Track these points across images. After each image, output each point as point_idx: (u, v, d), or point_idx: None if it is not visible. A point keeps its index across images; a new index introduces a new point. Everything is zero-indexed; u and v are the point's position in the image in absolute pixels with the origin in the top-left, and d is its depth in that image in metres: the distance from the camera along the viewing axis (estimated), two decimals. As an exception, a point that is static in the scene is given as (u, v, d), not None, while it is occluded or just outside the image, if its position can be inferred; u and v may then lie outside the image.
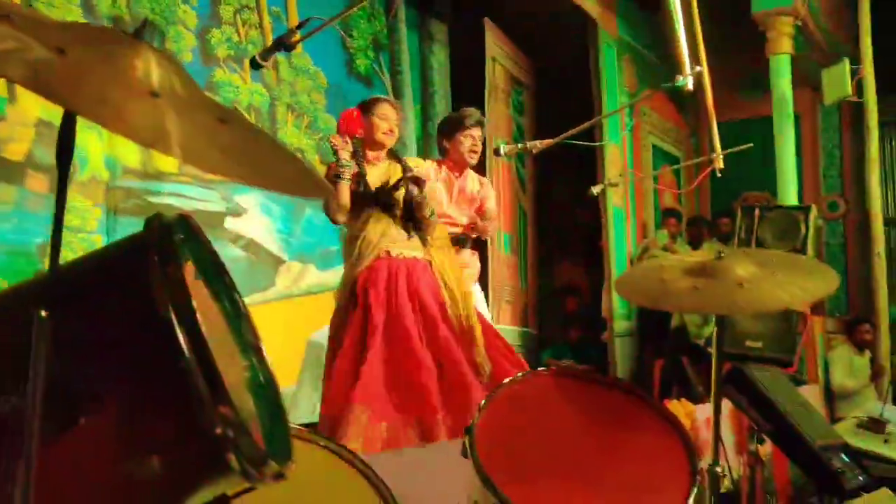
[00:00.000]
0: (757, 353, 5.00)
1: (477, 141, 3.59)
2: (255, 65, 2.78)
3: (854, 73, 6.26)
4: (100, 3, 4.06)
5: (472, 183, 3.68)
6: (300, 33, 2.55)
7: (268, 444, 0.95)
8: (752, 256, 1.70)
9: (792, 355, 5.37)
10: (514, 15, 6.47)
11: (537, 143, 3.64)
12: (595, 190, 4.35)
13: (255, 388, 1.01)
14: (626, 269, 6.23)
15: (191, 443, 0.82)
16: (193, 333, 0.82)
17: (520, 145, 3.74)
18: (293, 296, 4.98)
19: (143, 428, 0.82)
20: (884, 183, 7.51)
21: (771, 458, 3.16)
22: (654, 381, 6.40)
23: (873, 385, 6.09)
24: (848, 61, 6.28)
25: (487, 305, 4.33)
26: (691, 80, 3.60)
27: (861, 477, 2.27)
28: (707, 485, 1.74)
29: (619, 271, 6.31)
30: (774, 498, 3.00)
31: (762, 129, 6.44)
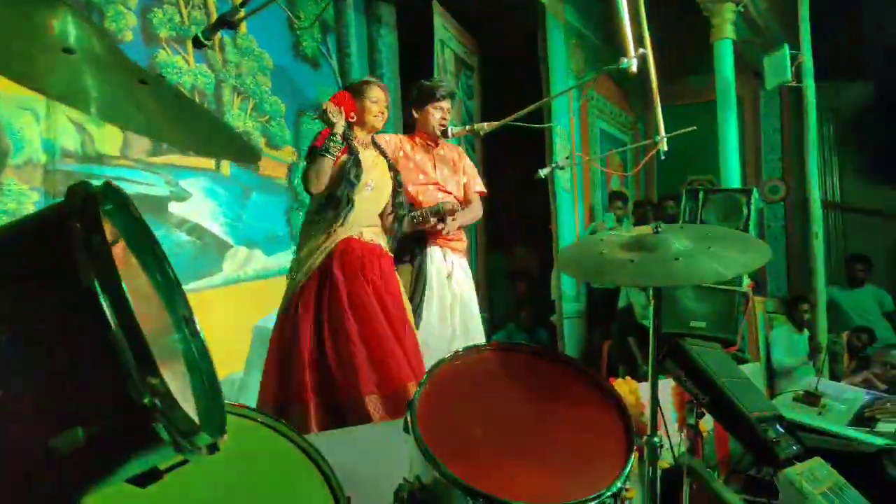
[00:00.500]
0: (700, 333, 5.11)
1: (446, 113, 3.58)
2: (198, 43, 2.72)
3: (794, 58, 6.41)
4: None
5: (450, 151, 3.68)
6: (244, 11, 2.51)
7: (201, 416, 0.94)
8: (687, 231, 1.74)
9: (735, 335, 5.48)
10: (463, -2, 6.47)
11: (485, 124, 3.65)
12: (543, 172, 4.38)
13: (188, 361, 0.99)
14: (573, 251, 6.29)
15: (118, 414, 0.81)
16: (119, 303, 0.80)
17: (468, 127, 3.74)
18: (240, 281, 4.92)
19: (67, 400, 0.81)
20: (822, 166, 7.73)
21: (713, 434, 3.25)
22: (602, 361, 6.51)
23: (811, 362, 6.28)
24: (788, 47, 6.42)
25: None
26: (635, 62, 3.63)
27: (795, 447, 2.34)
28: (646, 455, 1.77)
29: (567, 254, 6.37)
30: (716, 472, 3.08)
31: (706, 114, 6.56)
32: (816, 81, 6.57)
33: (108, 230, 0.83)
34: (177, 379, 0.95)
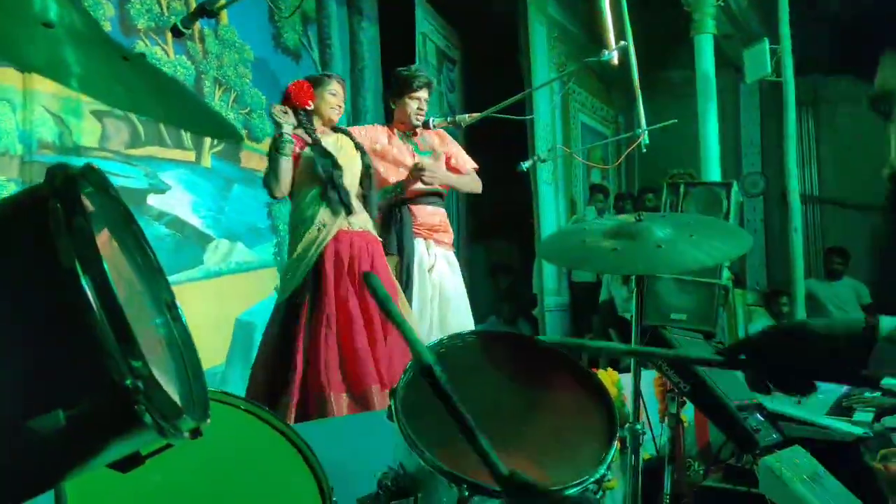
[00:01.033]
0: (681, 325, 5.15)
1: (423, 103, 3.59)
2: (177, 32, 2.70)
3: (773, 53, 6.45)
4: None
5: (430, 138, 3.68)
6: (223, 0, 2.48)
7: (184, 400, 0.93)
8: (669, 219, 1.75)
9: (715, 327, 5.52)
10: (445, -10, 6.46)
11: (466, 116, 3.66)
12: (525, 165, 4.39)
13: (170, 345, 0.98)
14: (555, 245, 6.31)
15: (99, 396, 0.80)
16: (101, 285, 0.79)
17: (449, 119, 3.74)
18: (221, 274, 4.89)
19: (48, 382, 0.80)
20: (801, 161, 7.80)
21: (693, 424, 3.27)
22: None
23: (790, 354, 6.34)
24: (767, 42, 6.47)
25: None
26: (616, 54, 3.65)
27: (775, 435, 2.36)
28: (629, 442, 1.78)
29: (549, 247, 6.39)
30: (696, 461, 3.10)
31: (686, 108, 6.60)
32: (795, 76, 6.62)
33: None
34: (159, 363, 0.94)
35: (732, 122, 8.50)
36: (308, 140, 3.15)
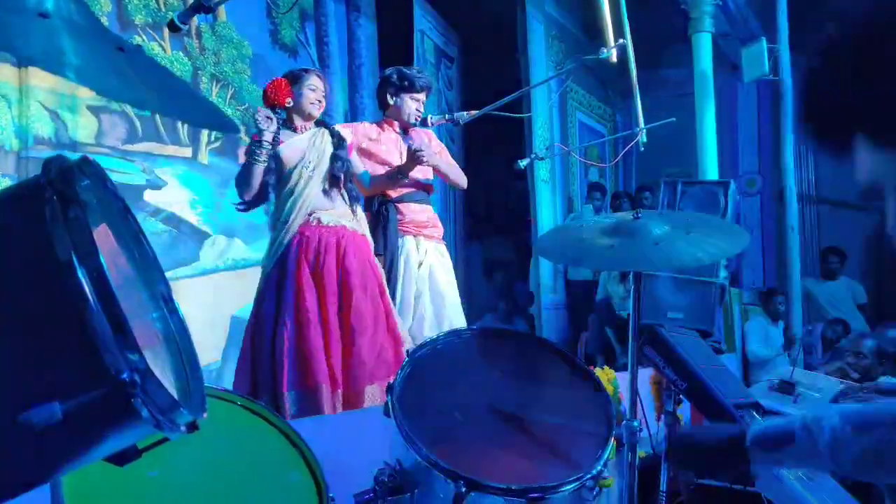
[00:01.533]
0: (678, 324, 5.15)
1: (421, 105, 3.59)
2: (174, 27, 2.70)
3: (771, 52, 6.46)
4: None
5: (419, 137, 3.67)
6: (220, -5, 2.48)
7: (180, 393, 0.93)
8: (667, 217, 1.75)
9: (711, 325, 5.53)
10: (443, -12, 6.45)
11: (464, 113, 3.66)
12: (522, 163, 4.40)
13: (167, 338, 0.98)
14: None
15: (96, 389, 0.80)
16: (97, 276, 0.79)
17: (447, 116, 3.74)
18: (218, 270, 4.88)
19: (45, 375, 0.79)
20: (797, 160, 7.80)
21: (690, 423, 3.27)
22: (580, 352, 6.54)
23: (786, 353, 6.36)
24: (765, 41, 6.47)
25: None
26: (614, 53, 3.65)
27: (771, 434, 2.35)
28: (625, 439, 1.78)
29: (546, 246, 6.39)
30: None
31: (684, 107, 6.60)
32: (793, 75, 6.63)
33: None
34: (156, 356, 0.94)
35: (730, 121, 8.50)
36: (286, 140, 3.15)
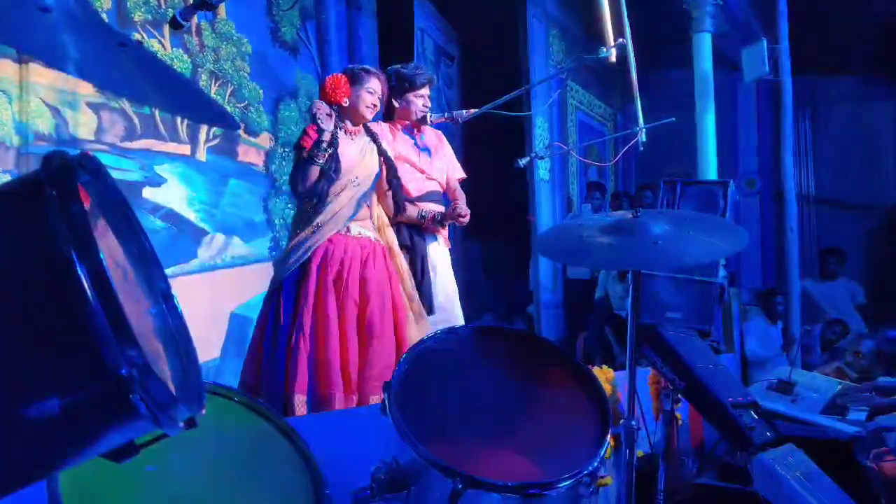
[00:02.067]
0: (677, 324, 5.15)
1: (427, 100, 3.55)
2: (175, 24, 2.69)
3: (771, 52, 6.46)
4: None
5: (431, 136, 3.66)
6: (221, -8, 2.48)
7: (178, 389, 0.93)
8: (666, 216, 1.75)
9: (710, 325, 5.54)
10: (444, -14, 6.45)
11: (464, 112, 3.66)
12: (522, 162, 4.39)
13: (165, 335, 0.98)
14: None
15: (94, 385, 0.80)
16: (96, 272, 0.79)
17: (446, 114, 3.73)
18: (216, 268, 4.88)
19: (43, 370, 0.79)
20: (797, 161, 7.81)
21: (687, 422, 3.28)
22: (578, 351, 6.54)
23: (785, 354, 6.36)
24: (766, 41, 6.47)
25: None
26: (614, 51, 3.65)
27: (769, 433, 2.36)
28: (623, 438, 1.79)
29: (545, 245, 6.40)
30: (690, 458, 3.11)
31: (684, 107, 6.60)
32: (793, 75, 6.63)
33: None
34: (155, 352, 0.93)
35: (730, 121, 8.50)
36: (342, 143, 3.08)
